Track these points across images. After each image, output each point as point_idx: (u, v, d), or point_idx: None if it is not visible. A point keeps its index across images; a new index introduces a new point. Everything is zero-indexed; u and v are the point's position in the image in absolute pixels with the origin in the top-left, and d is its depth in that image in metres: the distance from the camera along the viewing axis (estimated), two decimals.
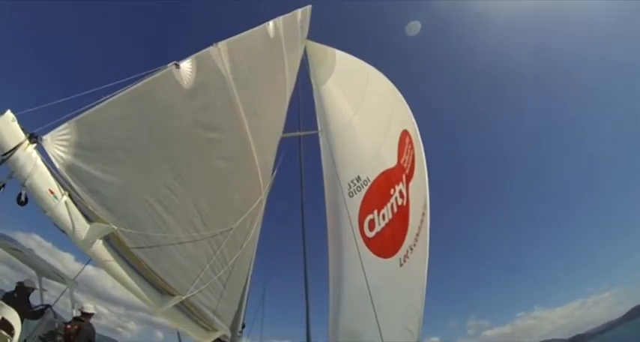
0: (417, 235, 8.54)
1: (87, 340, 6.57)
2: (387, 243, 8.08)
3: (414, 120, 10.24)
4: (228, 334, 10.40)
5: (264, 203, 10.55)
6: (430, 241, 8.64)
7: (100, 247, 6.10)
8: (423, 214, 8.79)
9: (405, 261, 8.22)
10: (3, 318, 6.25)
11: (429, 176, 9.00)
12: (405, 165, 8.74)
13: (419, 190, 8.90)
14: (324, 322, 9.61)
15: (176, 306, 7.74)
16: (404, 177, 8.66)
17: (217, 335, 9.66)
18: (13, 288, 7.32)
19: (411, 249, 8.38)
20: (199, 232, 7.81)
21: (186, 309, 8.25)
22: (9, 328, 6.07)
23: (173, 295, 7.45)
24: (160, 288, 7.41)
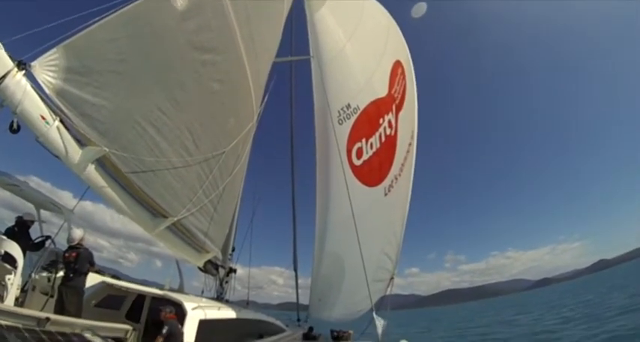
0: (403, 165, 8.76)
1: (87, 262, 6.86)
2: (373, 172, 8.28)
3: (408, 51, 10.11)
4: (219, 256, 10.90)
5: (255, 128, 10.66)
6: (414, 173, 8.92)
7: (93, 173, 6.30)
8: (410, 144, 8.94)
9: (389, 190, 8.49)
10: (5, 252, 6.51)
11: (418, 109, 9.10)
12: (395, 95, 8.76)
13: (407, 121, 8.97)
14: (311, 248, 10.11)
15: (169, 228, 8.08)
16: (394, 107, 8.70)
17: (209, 257, 10.12)
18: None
19: (396, 179, 8.63)
20: (192, 155, 7.97)
21: (179, 231, 8.60)
22: (12, 261, 6.35)
23: (166, 217, 7.77)
24: (153, 211, 7.71)
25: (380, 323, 5.37)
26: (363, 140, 8.29)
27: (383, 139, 8.47)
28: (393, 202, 8.58)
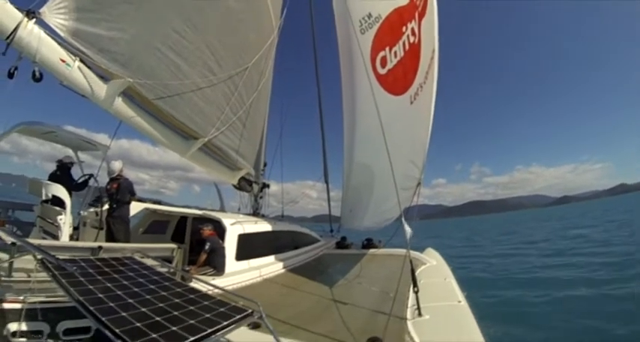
0: (427, 73, 8.55)
1: (128, 192, 7.20)
2: (398, 80, 8.11)
3: None
4: (252, 172, 11.19)
5: (276, 41, 10.45)
6: (439, 80, 8.72)
7: (121, 105, 6.48)
8: (433, 51, 8.69)
9: (415, 99, 8.36)
10: (53, 195, 6.86)
11: (439, 12, 8.71)
12: (417, 2, 8.36)
13: (430, 28, 8.62)
14: (341, 159, 10.21)
15: (201, 149, 8.34)
16: (416, 14, 8.31)
17: (242, 174, 10.43)
18: None
19: (421, 87, 8.46)
20: (215, 74, 7.99)
21: (211, 151, 8.87)
22: (61, 202, 6.70)
23: (197, 139, 7.97)
24: (184, 134, 7.95)
25: (408, 229, 5.51)
26: (387, 49, 8.02)
27: (407, 47, 8.21)
28: (418, 110, 8.49)
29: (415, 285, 4.84)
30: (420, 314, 4.54)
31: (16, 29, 4.82)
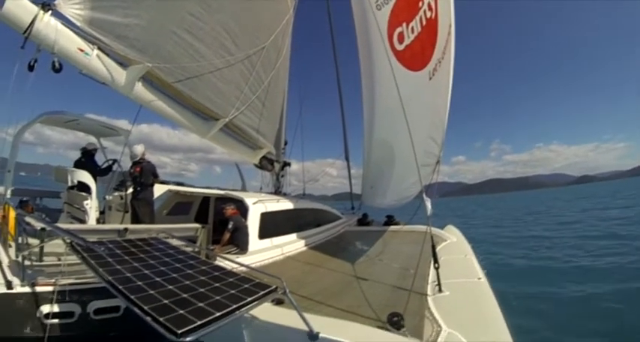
0: (445, 48, 8.43)
1: (151, 174, 7.34)
2: (416, 56, 8.00)
3: None
4: (273, 150, 11.26)
5: (292, 19, 10.38)
6: (456, 56, 8.60)
7: (141, 90, 6.60)
8: (450, 26, 8.55)
9: (433, 74, 8.26)
10: (79, 181, 7.04)
11: None
12: None
13: (446, 2, 8.45)
14: (361, 137, 10.19)
15: (222, 130, 8.44)
16: None
17: (263, 153, 10.50)
18: None
19: (439, 62, 8.34)
20: (233, 54, 8.03)
21: (232, 131, 8.97)
22: (86, 188, 6.89)
23: (217, 120, 8.05)
24: (204, 115, 8.05)
25: (429, 206, 5.53)
26: (404, 24, 7.89)
27: (424, 22, 8.07)
28: (437, 85, 8.42)
29: (436, 261, 4.88)
30: (440, 290, 4.60)
31: (32, 22, 4.93)
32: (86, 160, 7.96)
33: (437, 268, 4.81)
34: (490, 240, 19.92)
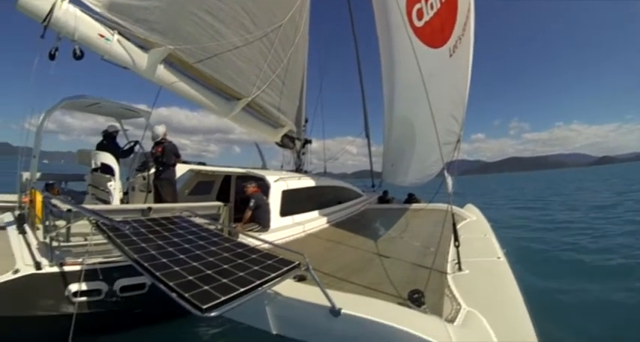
0: (465, 24, 8.22)
1: (172, 153, 7.42)
2: (436, 33, 7.82)
3: None
4: (294, 128, 11.28)
5: None
6: (477, 33, 8.38)
7: (164, 72, 6.67)
8: (470, 3, 8.32)
9: (454, 52, 8.07)
10: (102, 163, 7.15)
11: None
12: None
13: None
14: (381, 115, 10.09)
15: (244, 109, 8.51)
16: None
17: (284, 131, 10.54)
18: None
19: (460, 39, 8.13)
20: (251, 33, 8.03)
21: (253, 110, 9.04)
22: (110, 169, 7.00)
23: (239, 99, 8.06)
24: (226, 95, 8.09)
25: (450, 183, 5.50)
26: (423, 1, 7.71)
27: None
28: (457, 62, 8.24)
29: (456, 239, 4.88)
30: (460, 269, 4.63)
31: (51, 11, 4.97)
32: (108, 142, 8.11)
33: (457, 247, 4.82)
34: (521, 225, 17.14)
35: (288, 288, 3.50)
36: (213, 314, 2.49)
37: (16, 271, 3.97)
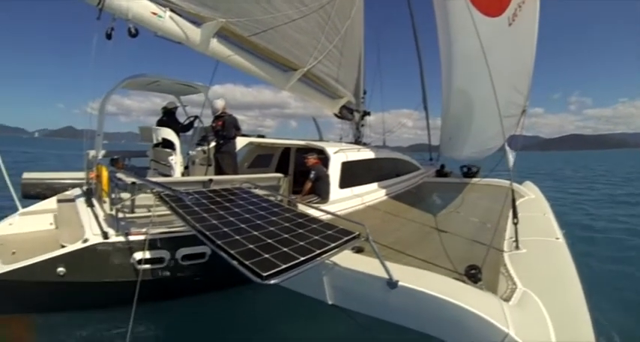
0: None
1: (232, 126, 7.58)
2: (493, 0, 7.48)
3: None
4: (352, 99, 11.25)
5: None
6: None
7: (217, 46, 6.77)
8: None
9: (514, 20, 7.65)
10: (163, 138, 7.41)
11: None
12: None
13: None
14: (438, 89, 9.85)
15: (301, 80, 8.54)
16: None
17: (343, 102, 10.53)
18: None
19: (520, 6, 7.70)
20: (307, 5, 8.02)
21: (311, 81, 9.07)
22: (171, 144, 7.24)
23: (296, 70, 8.10)
24: (282, 66, 8.15)
25: (511, 158, 5.35)
26: None
27: None
28: (519, 30, 7.80)
29: (515, 216, 4.76)
30: (517, 247, 4.54)
31: None
32: (168, 118, 8.32)
33: (516, 224, 4.71)
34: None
35: (346, 259, 3.56)
36: (273, 282, 2.54)
37: (86, 241, 4.28)
